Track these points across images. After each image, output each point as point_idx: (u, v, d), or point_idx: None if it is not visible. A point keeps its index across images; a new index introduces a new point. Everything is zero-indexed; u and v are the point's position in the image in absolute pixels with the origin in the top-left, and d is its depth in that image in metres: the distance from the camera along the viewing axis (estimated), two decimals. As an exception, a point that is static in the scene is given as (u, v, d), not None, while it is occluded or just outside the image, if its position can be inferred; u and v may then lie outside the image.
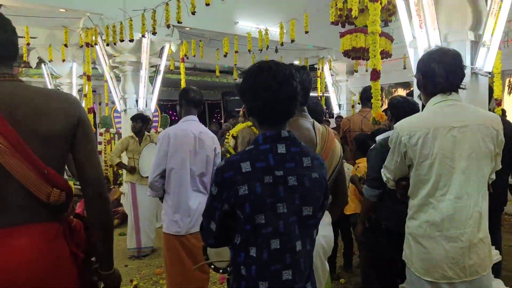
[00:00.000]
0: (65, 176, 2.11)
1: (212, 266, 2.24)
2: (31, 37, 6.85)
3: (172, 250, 3.06)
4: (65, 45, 6.62)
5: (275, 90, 1.47)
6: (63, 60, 7.62)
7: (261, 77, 1.49)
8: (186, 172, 3.02)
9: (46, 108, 1.42)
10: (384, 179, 2.24)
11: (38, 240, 1.39)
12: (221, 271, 2.22)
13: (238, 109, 4.98)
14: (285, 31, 6.74)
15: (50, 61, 7.91)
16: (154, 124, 8.85)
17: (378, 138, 2.96)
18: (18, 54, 1.56)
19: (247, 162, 1.45)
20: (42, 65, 9.39)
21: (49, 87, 9.73)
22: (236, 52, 7.68)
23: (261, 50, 7.12)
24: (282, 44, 6.85)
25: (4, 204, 1.36)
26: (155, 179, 3.03)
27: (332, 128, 4.44)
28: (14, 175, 1.34)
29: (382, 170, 2.25)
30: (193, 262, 3.02)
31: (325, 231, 2.12)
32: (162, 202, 3.20)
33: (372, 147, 3.02)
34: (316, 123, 2.26)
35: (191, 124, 3.11)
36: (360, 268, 3.98)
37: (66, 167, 1.85)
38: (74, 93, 9.44)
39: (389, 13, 5.46)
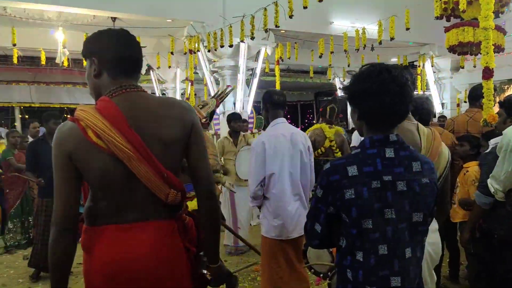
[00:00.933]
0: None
1: (312, 270, 2.26)
2: (141, 46, 7.48)
3: (270, 254, 3.06)
4: (171, 53, 7.13)
5: (395, 94, 1.44)
6: (169, 67, 8.22)
7: (380, 80, 1.45)
8: (286, 176, 3.01)
9: (165, 115, 1.55)
10: (492, 190, 2.06)
11: (159, 235, 1.54)
12: (321, 275, 2.24)
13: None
14: (383, 28, 6.52)
15: (158, 68, 8.58)
16: (250, 125, 9.14)
17: (493, 141, 2.73)
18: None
19: (354, 166, 1.44)
20: (151, 71, 10.22)
21: (156, 91, 10.57)
22: (331, 52, 7.62)
23: (358, 49, 6.97)
24: (380, 43, 6.64)
25: (132, 201, 1.52)
26: (258, 188, 3.00)
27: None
28: (139, 178, 1.49)
29: (488, 180, 2.07)
30: (290, 266, 3.04)
31: (432, 238, 2.02)
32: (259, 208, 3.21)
33: (488, 150, 2.79)
34: (420, 125, 2.17)
35: (281, 127, 3.09)
36: (468, 280, 3.71)
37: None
38: (178, 96, 10.13)
39: (501, 3, 5.01)
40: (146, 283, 1.51)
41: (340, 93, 11.11)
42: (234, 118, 5.55)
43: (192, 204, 3.73)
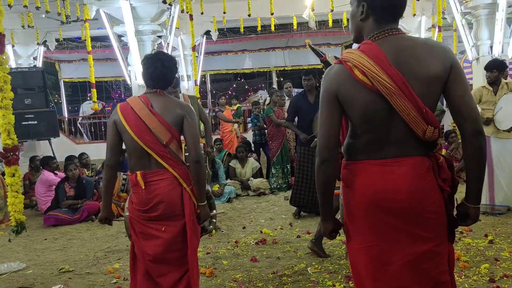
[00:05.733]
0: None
1: None
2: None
3: None
4: (417, -1, 6.73)
5: None
6: (414, 15, 7.79)
7: None
8: None
9: (426, 55, 1.61)
10: None
11: (415, 171, 1.63)
12: None
13: None
14: None
15: (402, 17, 8.24)
16: (511, 72, 7.84)
17: None
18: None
19: None
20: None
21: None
22: None
23: None
24: None
25: (391, 138, 1.64)
26: None
27: None
28: (399, 112, 1.59)
29: None
30: None
31: None
32: None
33: None
34: None
35: None
36: None
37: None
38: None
39: None
40: (404, 214, 1.63)
41: None
42: (486, 68, 4.91)
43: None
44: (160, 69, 2.51)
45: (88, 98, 16.35)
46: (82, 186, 5.98)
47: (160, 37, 7.71)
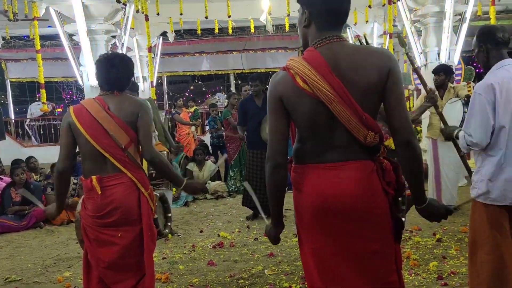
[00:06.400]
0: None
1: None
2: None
3: (488, 224, 2.47)
4: (369, 6, 6.96)
5: None
6: (366, 22, 8.04)
7: None
8: None
9: (363, 62, 1.65)
10: None
11: (359, 174, 1.67)
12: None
13: None
14: None
15: (355, 24, 8.47)
16: (457, 78, 8.27)
17: None
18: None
19: None
20: (347, 29, 10.18)
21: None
22: None
23: None
24: None
25: (334, 143, 1.69)
26: (483, 139, 2.44)
27: None
28: (339, 119, 1.63)
29: None
30: None
31: None
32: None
33: None
34: None
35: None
36: None
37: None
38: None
39: None
40: (350, 215, 1.67)
41: None
42: (433, 72, 5.12)
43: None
44: (114, 76, 2.46)
45: (37, 99, 15.63)
46: (29, 191, 5.68)
47: (114, 37, 7.50)
